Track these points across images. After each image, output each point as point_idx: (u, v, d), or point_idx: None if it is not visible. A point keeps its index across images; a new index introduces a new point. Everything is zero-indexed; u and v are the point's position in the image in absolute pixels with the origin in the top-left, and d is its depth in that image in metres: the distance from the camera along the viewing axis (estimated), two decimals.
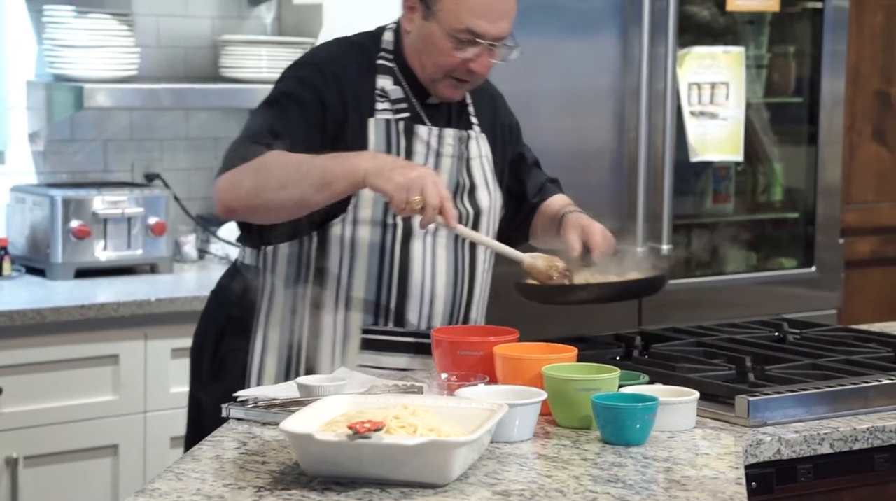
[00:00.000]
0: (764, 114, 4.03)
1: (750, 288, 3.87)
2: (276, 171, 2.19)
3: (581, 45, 3.51)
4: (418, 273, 2.32)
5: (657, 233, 3.62)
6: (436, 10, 2.28)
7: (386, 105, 2.33)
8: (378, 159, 2.18)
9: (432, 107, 2.38)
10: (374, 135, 2.31)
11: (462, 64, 2.30)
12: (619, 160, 3.59)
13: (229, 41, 3.68)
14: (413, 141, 2.33)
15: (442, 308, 2.36)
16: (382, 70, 2.35)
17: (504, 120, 2.52)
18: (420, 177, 2.12)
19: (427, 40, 2.30)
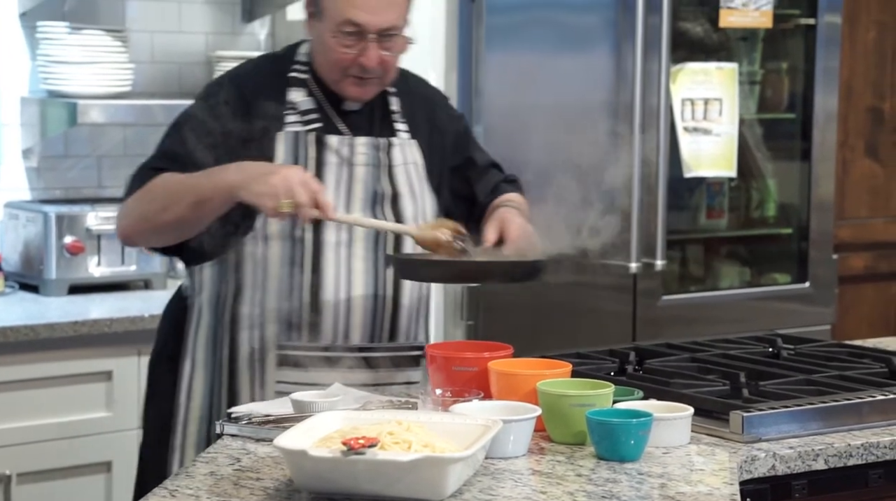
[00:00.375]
0: (757, 130, 4.04)
1: (744, 303, 3.87)
2: (157, 195, 2.22)
3: (575, 60, 3.52)
4: (331, 286, 2.28)
5: (651, 249, 3.62)
6: (321, 9, 2.27)
7: (295, 117, 2.31)
8: (244, 171, 2.16)
9: (352, 114, 2.34)
10: (282, 149, 2.29)
11: (352, 60, 2.26)
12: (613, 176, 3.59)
13: (223, 57, 3.68)
14: (323, 151, 2.30)
15: (360, 321, 2.30)
16: (295, 83, 2.33)
17: (444, 126, 2.46)
18: (284, 178, 2.11)
19: (319, 41, 2.29)
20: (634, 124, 3.55)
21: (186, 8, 3.76)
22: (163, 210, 2.21)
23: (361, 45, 2.25)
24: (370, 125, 2.35)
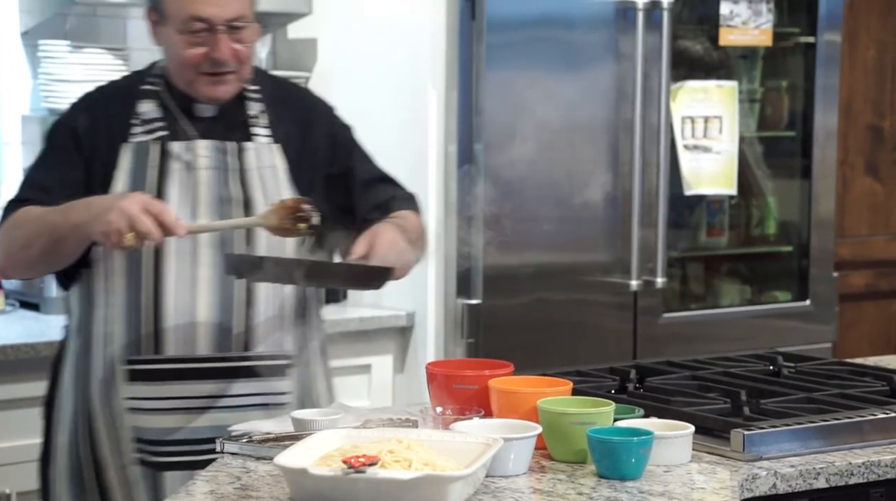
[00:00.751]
0: (757, 148, 4.05)
1: (744, 321, 3.87)
2: (19, 232, 2.22)
3: (575, 78, 3.53)
4: (172, 297, 2.24)
5: (651, 267, 3.62)
6: (164, 11, 2.25)
7: (141, 128, 2.29)
8: (88, 209, 2.14)
9: (206, 121, 2.31)
10: (126, 160, 2.27)
11: (204, 56, 2.23)
12: (613, 193, 3.59)
13: None
14: (167, 159, 2.27)
15: (206, 331, 2.24)
16: (145, 95, 2.31)
17: (322, 131, 2.40)
18: (120, 212, 2.07)
19: (168, 45, 2.27)
20: (635, 142, 3.56)
21: None
22: (25, 246, 2.22)
23: (212, 40, 2.22)
24: (225, 130, 2.31)
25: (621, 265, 3.59)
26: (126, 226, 2.07)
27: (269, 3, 3.66)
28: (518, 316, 3.46)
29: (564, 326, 3.53)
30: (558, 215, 3.55)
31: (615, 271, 3.59)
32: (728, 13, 3.82)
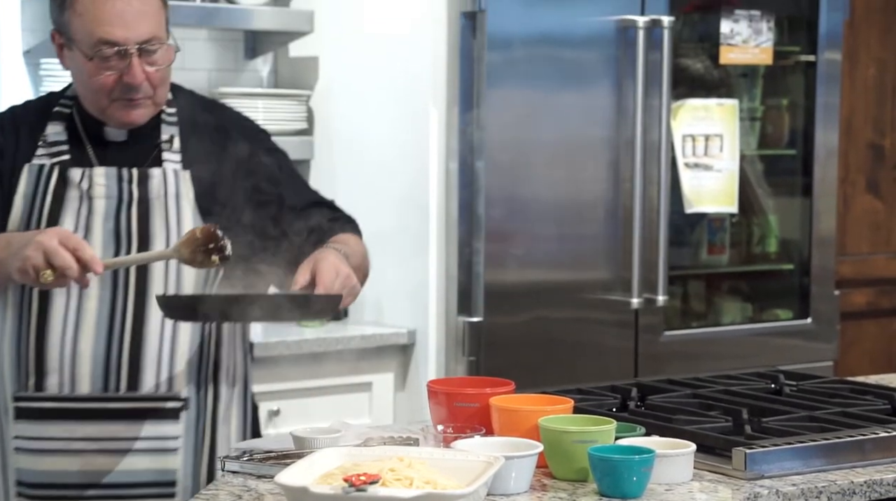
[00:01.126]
0: (758, 166, 4.05)
1: (746, 339, 3.87)
2: None
3: (575, 96, 3.53)
4: (57, 331, 2.14)
5: (652, 284, 3.62)
6: (71, 36, 2.14)
7: (44, 150, 2.19)
8: (9, 246, 2.05)
9: (115, 146, 2.21)
10: (24, 183, 2.17)
11: (116, 81, 2.13)
12: (614, 211, 3.60)
13: (226, 93, 3.69)
14: (65, 186, 2.17)
15: (89, 369, 2.14)
16: (56, 117, 2.22)
17: (245, 155, 2.25)
18: (37, 247, 1.97)
19: (78, 70, 2.16)
20: (635, 160, 3.56)
21: (190, 45, 3.78)
22: None
23: (124, 64, 2.12)
24: (134, 156, 2.20)
25: (622, 283, 3.59)
26: (43, 261, 1.97)
27: (271, 21, 3.68)
28: (519, 333, 3.46)
29: (565, 344, 3.52)
30: (559, 233, 3.55)
31: (616, 289, 3.59)
32: (728, 32, 3.83)
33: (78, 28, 2.12)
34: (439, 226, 3.45)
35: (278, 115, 3.67)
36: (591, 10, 3.53)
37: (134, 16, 2.11)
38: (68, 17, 2.13)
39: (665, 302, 3.64)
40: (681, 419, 2.21)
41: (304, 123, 3.74)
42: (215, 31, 3.78)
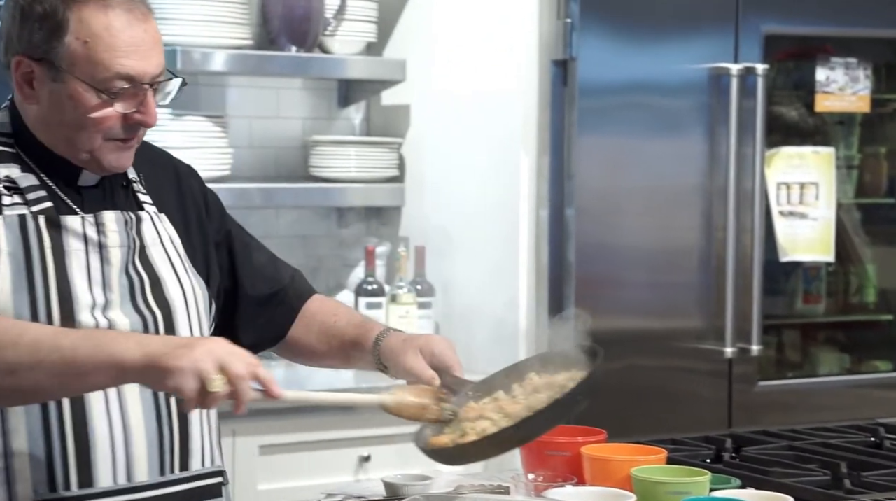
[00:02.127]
0: (855, 215, 3.99)
1: (843, 390, 3.79)
2: (3, 350, 1.67)
3: (667, 143, 3.51)
4: (101, 412, 1.80)
5: (746, 334, 3.57)
6: (67, 67, 1.79)
7: (17, 198, 1.82)
8: (146, 343, 1.67)
9: (84, 190, 1.88)
10: (6, 239, 1.79)
11: (124, 119, 1.82)
12: (706, 259, 3.56)
13: (319, 141, 3.74)
14: (63, 236, 1.83)
15: (145, 451, 1.82)
16: (4, 158, 1.85)
17: (195, 195, 2.03)
18: (209, 351, 1.65)
19: (66, 106, 1.81)
20: (729, 208, 3.52)
21: (284, 94, 3.85)
22: (8, 372, 1.67)
23: (135, 99, 1.82)
24: (112, 201, 1.90)
25: (715, 331, 3.54)
26: (214, 366, 1.64)
27: (364, 70, 3.72)
28: (611, 382, 3.41)
29: (658, 393, 3.48)
30: (651, 281, 3.52)
31: (709, 338, 3.55)
32: (824, 79, 3.78)
33: (81, 57, 1.78)
34: (530, 272, 3.44)
35: (370, 163, 3.71)
36: (683, 57, 3.52)
37: (150, 45, 1.82)
38: (65, 44, 1.78)
39: (759, 352, 3.59)
40: (777, 471, 2.17)
41: (396, 170, 3.77)
42: (310, 80, 3.84)
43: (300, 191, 3.65)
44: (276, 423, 2.96)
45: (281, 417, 2.47)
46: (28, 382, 1.67)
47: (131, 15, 1.80)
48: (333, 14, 3.64)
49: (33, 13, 1.80)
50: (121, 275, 1.86)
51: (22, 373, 1.66)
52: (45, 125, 1.84)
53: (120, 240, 1.87)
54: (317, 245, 3.88)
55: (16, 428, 1.77)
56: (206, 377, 1.63)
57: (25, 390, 1.68)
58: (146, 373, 1.65)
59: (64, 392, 1.71)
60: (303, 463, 3.22)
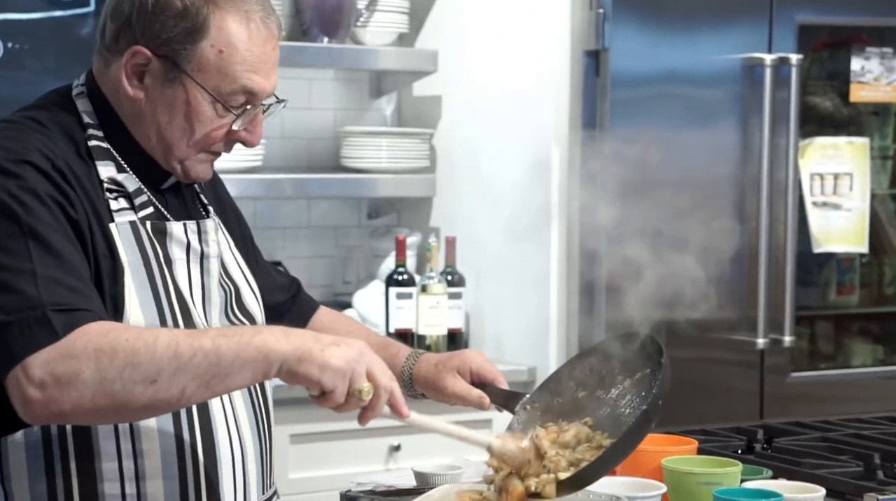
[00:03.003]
0: (890, 206, 3.96)
1: (876, 382, 3.76)
2: (140, 358, 1.53)
3: (700, 134, 3.50)
4: (223, 431, 1.72)
5: (779, 325, 3.55)
6: (190, 70, 1.68)
7: (123, 202, 1.70)
8: (294, 336, 1.56)
9: (167, 194, 1.78)
10: (124, 250, 1.67)
11: (228, 134, 1.73)
12: (739, 250, 3.54)
13: (351, 132, 3.75)
14: (167, 244, 1.72)
15: (255, 468, 1.76)
16: (99, 154, 1.71)
17: (228, 199, 1.96)
18: (361, 353, 1.57)
19: (177, 110, 1.70)
20: (762, 198, 3.51)
21: (316, 85, 3.86)
22: (148, 381, 1.53)
23: (248, 115, 1.73)
24: (187, 207, 1.81)
25: (748, 322, 3.53)
26: (363, 371, 1.56)
27: (396, 61, 3.73)
28: None
29: (689, 384, 3.47)
30: (683, 272, 3.51)
31: (741, 329, 3.53)
32: (859, 69, 3.76)
33: (211, 66, 1.68)
34: (560, 263, 3.44)
35: (401, 153, 3.72)
36: (716, 47, 3.50)
37: (274, 64, 1.74)
38: (199, 48, 1.68)
39: (792, 343, 3.57)
40: (809, 462, 2.16)
41: (427, 161, 3.77)
42: (341, 71, 3.85)
43: (331, 182, 3.66)
44: (306, 412, 2.97)
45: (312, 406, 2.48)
46: (170, 390, 1.53)
47: (268, 31, 1.72)
48: (365, 5, 3.64)
49: (171, 7, 1.68)
50: (218, 287, 1.78)
51: (163, 382, 1.53)
52: (144, 123, 1.72)
53: (217, 250, 1.79)
54: (348, 235, 3.89)
55: (149, 451, 1.65)
56: (357, 383, 1.56)
57: (166, 399, 1.54)
58: (298, 365, 1.54)
59: (206, 394, 1.57)
60: (333, 452, 3.24)
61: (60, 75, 3.34)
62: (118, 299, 1.65)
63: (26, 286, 1.54)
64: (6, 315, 1.53)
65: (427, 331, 3.52)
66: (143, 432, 1.65)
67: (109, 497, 1.64)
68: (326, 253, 3.87)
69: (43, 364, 1.51)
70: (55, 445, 1.63)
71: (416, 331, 3.53)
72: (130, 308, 1.66)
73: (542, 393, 1.88)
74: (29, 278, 1.54)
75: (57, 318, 1.53)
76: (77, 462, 1.63)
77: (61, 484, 1.63)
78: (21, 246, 1.57)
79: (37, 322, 1.52)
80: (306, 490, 3.10)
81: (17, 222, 1.58)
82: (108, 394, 1.52)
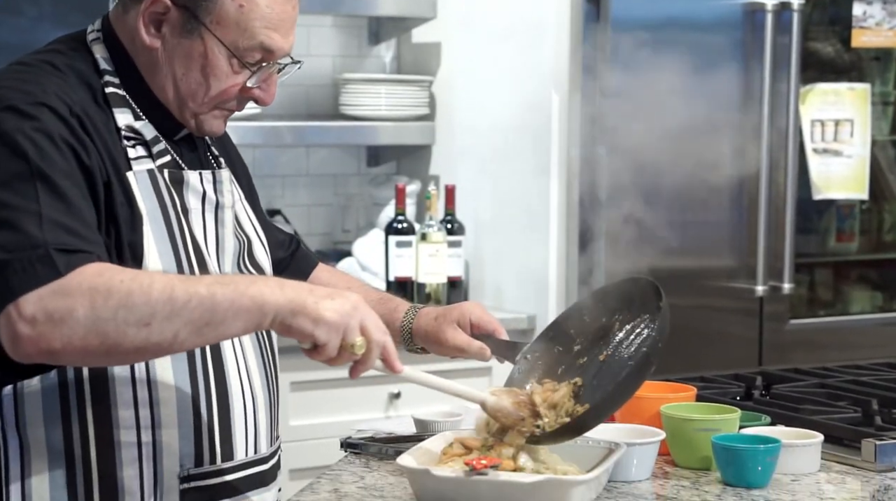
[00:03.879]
0: (890, 152, 3.95)
1: (875, 329, 3.77)
2: (134, 299, 1.51)
3: (701, 80, 3.48)
4: (236, 382, 1.72)
5: (778, 272, 3.55)
6: (209, 23, 1.66)
7: (141, 150, 1.69)
8: (289, 288, 1.55)
9: (181, 144, 1.76)
10: (143, 198, 1.66)
11: (242, 91, 1.72)
12: (739, 197, 3.54)
13: (349, 79, 3.73)
14: (184, 193, 1.71)
15: (264, 420, 1.76)
16: (116, 101, 1.69)
17: (234, 150, 1.94)
18: (355, 307, 1.55)
19: (193, 63, 1.68)
20: (762, 145, 3.49)
21: (315, 31, 3.83)
22: (142, 323, 1.51)
23: (263, 73, 1.71)
24: (200, 157, 1.79)
25: (747, 270, 3.53)
26: (357, 326, 1.56)
27: (395, 7, 3.70)
28: None
29: (688, 331, 3.48)
30: (682, 219, 3.51)
31: (740, 276, 3.54)
32: (861, 14, 3.73)
33: (231, 20, 1.67)
34: (560, 211, 3.44)
35: (400, 101, 3.70)
36: None
37: (293, 23, 1.72)
38: (221, 2, 1.67)
39: (791, 291, 3.57)
40: (807, 409, 2.17)
41: (426, 109, 3.75)
42: (340, 18, 3.82)
43: (330, 130, 3.65)
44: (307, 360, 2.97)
45: None
46: (163, 334, 1.51)
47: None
48: None
49: None
50: (232, 238, 1.76)
51: (156, 325, 1.51)
52: (160, 73, 1.70)
53: (231, 200, 1.76)
54: (347, 183, 3.88)
55: (165, 400, 1.65)
56: (350, 337, 1.55)
57: (158, 342, 1.52)
58: (292, 318, 1.53)
59: (197, 341, 1.56)
60: (333, 400, 3.25)
61: (57, 22, 3.32)
62: (137, 247, 1.64)
63: (30, 226, 1.52)
64: (7, 253, 1.51)
65: (426, 280, 3.52)
66: (160, 381, 1.65)
67: (125, 444, 1.64)
68: (326, 201, 3.86)
69: (36, 300, 1.50)
70: (71, 391, 1.63)
71: (415, 280, 3.53)
72: (149, 256, 1.64)
73: (541, 343, 1.88)
74: (34, 218, 1.53)
75: (59, 257, 1.51)
76: (93, 408, 1.63)
77: (77, 431, 1.63)
78: (29, 187, 1.55)
79: (39, 260, 1.51)
80: (307, 437, 3.12)
81: (27, 162, 1.56)
82: (101, 334, 1.50)
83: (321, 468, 1.95)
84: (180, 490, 1.66)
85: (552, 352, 1.86)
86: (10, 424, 1.64)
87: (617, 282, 1.90)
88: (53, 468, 1.63)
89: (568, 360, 1.84)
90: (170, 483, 1.66)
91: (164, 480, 1.66)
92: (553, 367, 1.84)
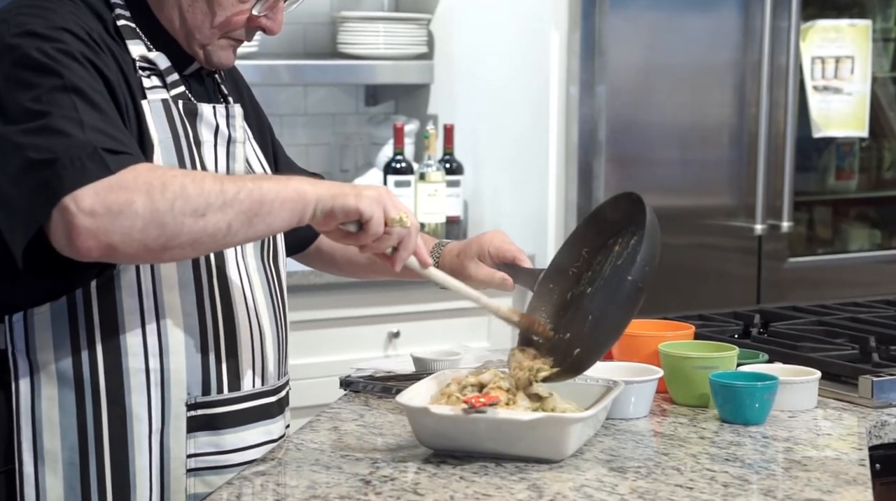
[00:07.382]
0: (890, 89, 3.93)
1: (873, 266, 3.78)
2: (189, 191, 1.55)
3: (701, 18, 3.45)
4: (243, 316, 1.74)
5: (777, 210, 3.55)
6: None
7: (156, 80, 1.71)
8: (323, 183, 1.64)
9: (191, 78, 1.78)
10: (156, 127, 1.68)
11: (249, 21, 1.74)
12: (738, 136, 3.53)
13: (347, 17, 3.70)
14: (197, 125, 1.73)
15: (272, 355, 1.79)
16: (128, 33, 1.71)
17: (246, 88, 1.96)
18: (387, 191, 1.64)
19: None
20: (762, 83, 3.48)
21: None
22: (198, 214, 1.55)
23: (267, 6, 1.73)
24: (210, 90, 1.82)
25: (746, 208, 3.53)
26: (394, 207, 1.62)
27: None
28: None
29: (687, 270, 3.49)
30: (682, 158, 3.50)
31: (739, 215, 3.54)
32: None
33: None
34: (559, 150, 3.43)
35: (399, 39, 3.67)
36: None
37: None
38: None
39: (790, 229, 3.57)
40: (805, 346, 2.18)
41: (425, 47, 3.73)
42: None
43: (328, 69, 3.63)
44: (306, 299, 2.98)
45: (311, 293, 2.50)
46: (217, 225, 1.56)
47: None
48: None
49: None
50: (241, 170, 1.77)
51: (211, 215, 1.56)
52: (167, 4, 1.73)
53: (243, 135, 1.79)
54: (345, 123, 3.86)
55: (173, 329, 1.68)
56: (392, 212, 1.61)
57: (213, 233, 1.56)
58: (333, 201, 1.59)
59: (248, 233, 1.60)
60: (333, 339, 3.26)
61: None
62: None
63: (75, 130, 1.55)
64: (55, 153, 1.53)
65: (425, 219, 3.52)
66: (168, 310, 1.67)
67: (133, 370, 1.66)
68: (323, 140, 3.85)
69: (94, 193, 1.52)
70: (80, 318, 1.65)
71: None
72: None
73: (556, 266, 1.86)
74: (76, 124, 1.56)
75: (108, 157, 1.54)
76: (102, 334, 1.65)
77: (86, 357, 1.65)
78: (65, 98, 1.57)
79: (89, 157, 1.53)
80: (306, 376, 3.13)
81: (60, 77, 1.58)
82: (160, 225, 1.54)
83: (321, 406, 1.96)
84: (187, 417, 1.69)
85: (568, 274, 1.83)
86: (21, 349, 1.66)
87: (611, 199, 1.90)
88: (63, 393, 1.65)
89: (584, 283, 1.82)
90: (177, 410, 1.69)
91: (171, 407, 1.69)
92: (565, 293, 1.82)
